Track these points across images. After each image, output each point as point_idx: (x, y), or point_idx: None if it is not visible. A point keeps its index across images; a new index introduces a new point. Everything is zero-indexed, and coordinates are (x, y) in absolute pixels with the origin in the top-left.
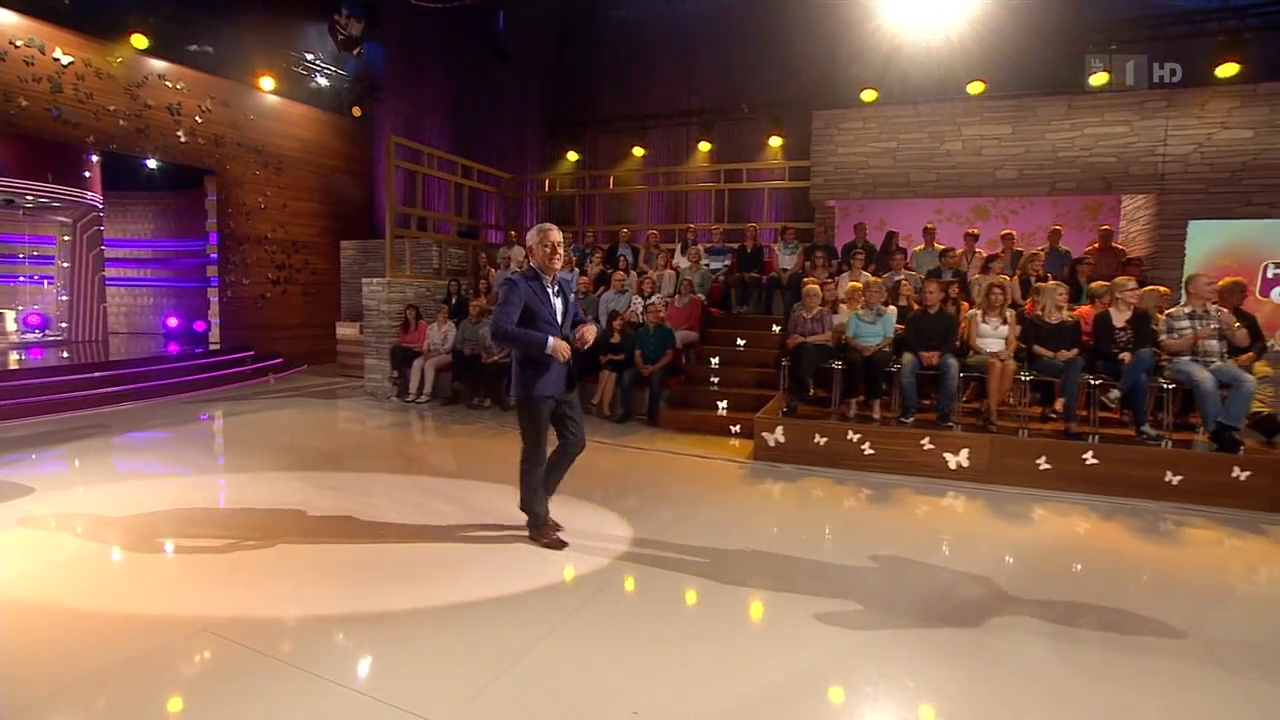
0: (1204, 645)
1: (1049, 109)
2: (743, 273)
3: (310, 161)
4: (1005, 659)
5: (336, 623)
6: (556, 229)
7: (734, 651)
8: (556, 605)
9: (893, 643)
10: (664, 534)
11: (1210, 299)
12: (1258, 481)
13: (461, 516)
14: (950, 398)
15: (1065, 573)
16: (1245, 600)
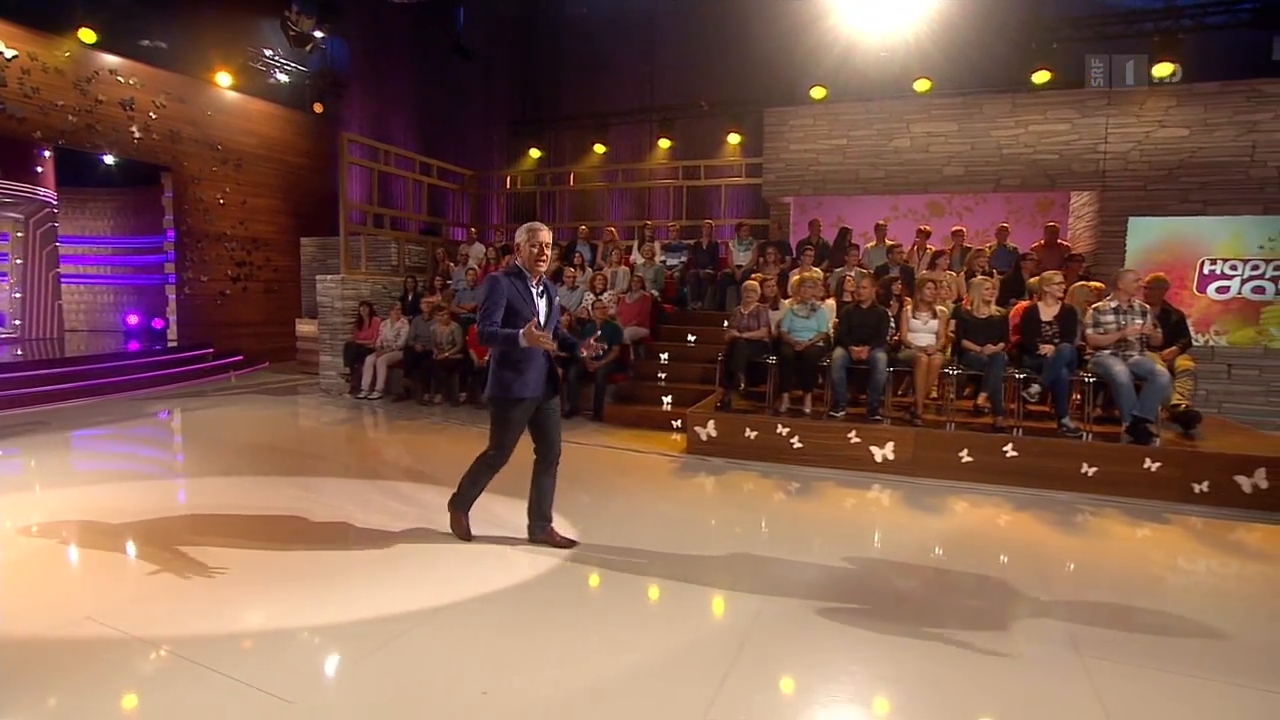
0: (1066, 633)
1: (994, 107)
2: (698, 269)
3: (271, 158)
4: (874, 641)
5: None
6: (546, 229)
7: (608, 636)
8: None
9: (781, 623)
10: (579, 524)
11: (1136, 294)
12: (1168, 472)
13: (392, 517)
14: (879, 392)
15: (959, 559)
16: (1116, 587)
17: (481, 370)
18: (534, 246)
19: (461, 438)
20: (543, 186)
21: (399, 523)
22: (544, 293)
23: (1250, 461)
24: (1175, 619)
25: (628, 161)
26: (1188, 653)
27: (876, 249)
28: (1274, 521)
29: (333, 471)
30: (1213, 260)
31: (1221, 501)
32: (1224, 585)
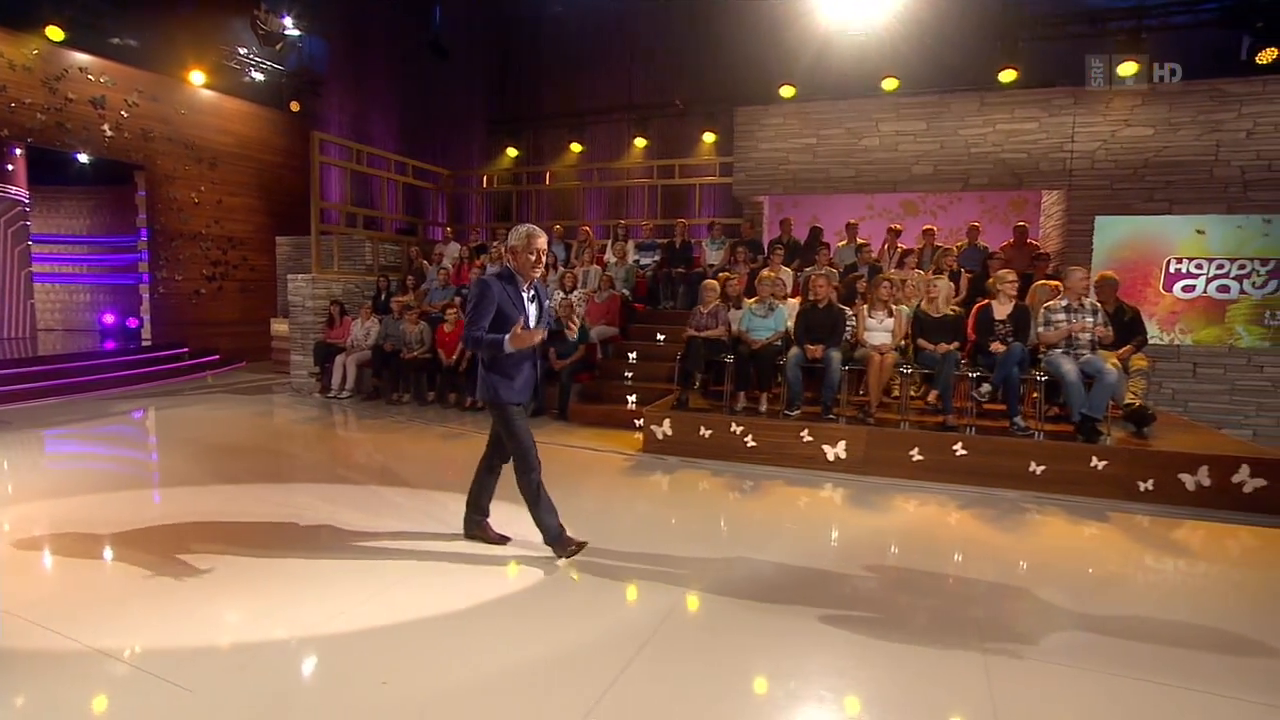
0: (976, 626)
1: (962, 105)
2: (671, 268)
3: (248, 157)
4: (783, 633)
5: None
6: (543, 235)
7: (517, 629)
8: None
9: (692, 619)
10: (520, 520)
11: (1085, 293)
12: (1114, 470)
13: (340, 519)
14: (832, 390)
15: (889, 556)
16: (1033, 583)
17: (449, 369)
18: (531, 254)
19: (423, 436)
20: (519, 186)
21: (341, 524)
22: (535, 297)
23: (1193, 460)
24: (1082, 615)
25: (605, 161)
26: (1098, 649)
27: (847, 248)
28: (1212, 519)
29: (291, 474)
30: (1178, 259)
31: (1166, 499)
32: (1151, 581)
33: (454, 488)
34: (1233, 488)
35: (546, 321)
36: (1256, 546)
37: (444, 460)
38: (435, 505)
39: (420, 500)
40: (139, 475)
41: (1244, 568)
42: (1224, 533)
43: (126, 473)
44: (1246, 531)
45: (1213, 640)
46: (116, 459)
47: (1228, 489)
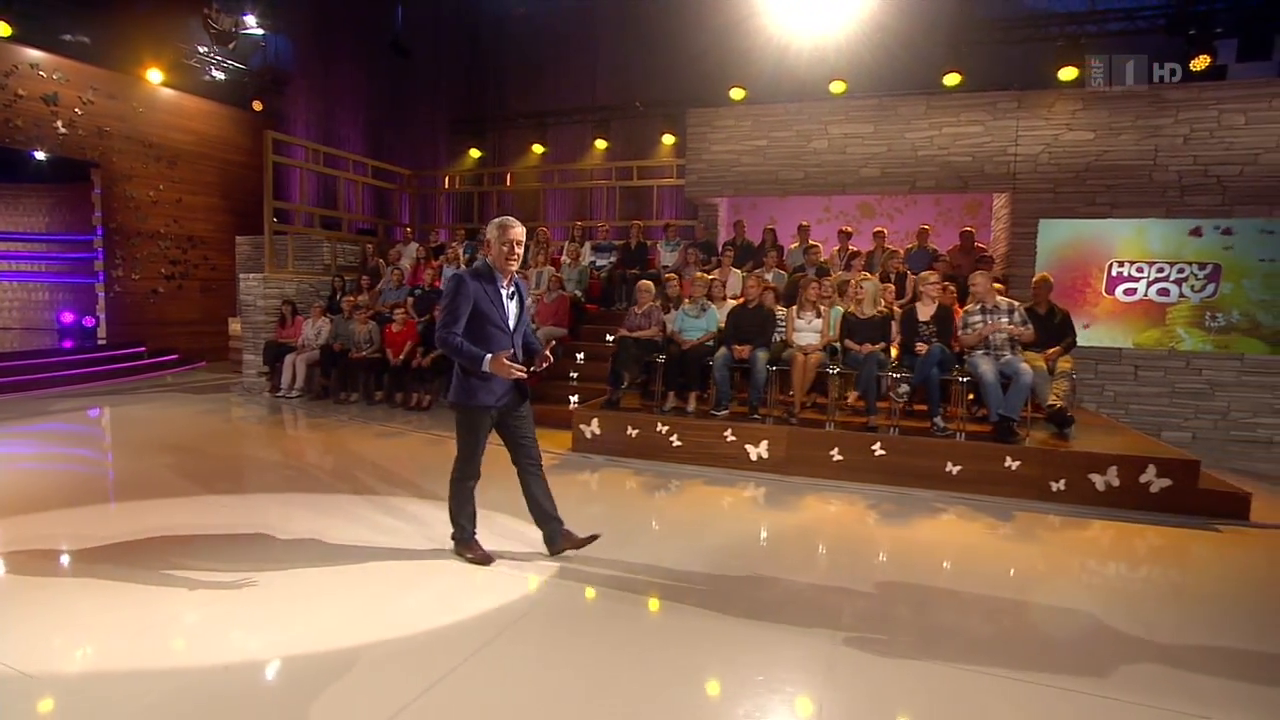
0: (832, 614)
1: (909, 108)
2: (625, 269)
3: (209, 156)
4: (649, 631)
5: None
6: (519, 225)
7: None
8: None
9: (547, 614)
10: (425, 516)
11: (989, 296)
12: (1027, 471)
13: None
14: (759, 390)
15: (778, 553)
16: (910, 578)
17: (397, 369)
18: (504, 244)
19: (362, 434)
20: (480, 187)
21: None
22: (514, 294)
23: (1103, 460)
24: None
25: (568, 162)
26: (963, 645)
27: (798, 250)
28: (1116, 518)
29: (209, 477)
30: (1120, 262)
31: (1076, 499)
32: (1024, 577)
33: (348, 479)
34: (1140, 488)
35: (526, 321)
36: (1160, 545)
37: (387, 460)
38: (377, 508)
39: (361, 504)
40: (60, 482)
41: (1124, 563)
42: (1117, 531)
43: (69, 472)
44: (1151, 530)
45: (1078, 636)
46: (41, 457)
47: (1135, 489)
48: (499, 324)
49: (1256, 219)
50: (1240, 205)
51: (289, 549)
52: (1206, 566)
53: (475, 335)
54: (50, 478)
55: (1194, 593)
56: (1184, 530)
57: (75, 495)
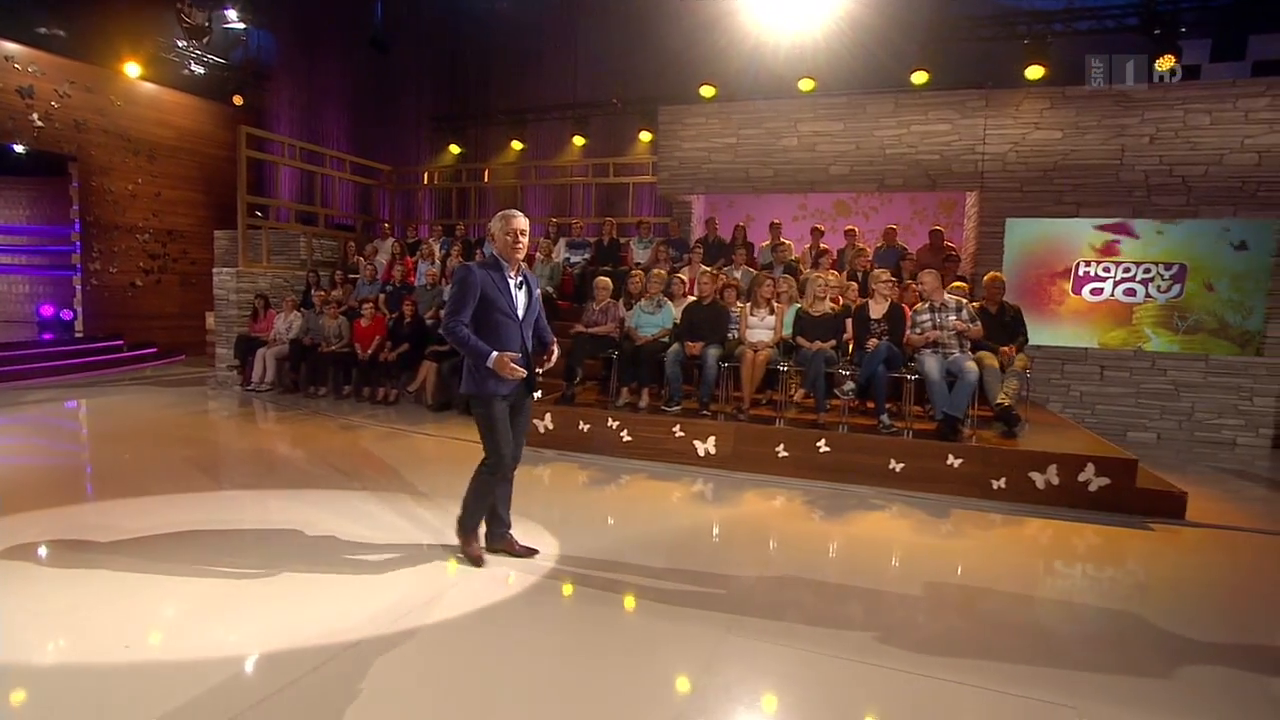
0: (727, 603)
1: (877, 106)
2: (599, 265)
3: (190, 150)
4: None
5: None
6: (521, 216)
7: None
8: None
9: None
10: (363, 509)
11: (937, 295)
12: (969, 469)
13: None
14: (709, 387)
15: (698, 548)
16: (822, 572)
17: (365, 363)
18: (508, 234)
19: (322, 428)
20: (459, 183)
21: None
22: (523, 284)
23: (1044, 458)
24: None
25: (547, 158)
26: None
27: (769, 247)
28: (1053, 516)
29: (151, 470)
30: (1087, 262)
31: (1016, 497)
32: (938, 573)
33: (309, 471)
34: (1079, 486)
35: (536, 310)
36: (1086, 543)
37: (337, 455)
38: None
39: (307, 499)
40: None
41: (1045, 560)
42: (1044, 528)
43: (28, 465)
44: (1083, 529)
45: (973, 630)
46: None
47: (1074, 487)
48: (507, 312)
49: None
50: (1205, 205)
51: (228, 545)
52: (1124, 565)
53: (483, 324)
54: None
55: (1102, 591)
56: (1116, 529)
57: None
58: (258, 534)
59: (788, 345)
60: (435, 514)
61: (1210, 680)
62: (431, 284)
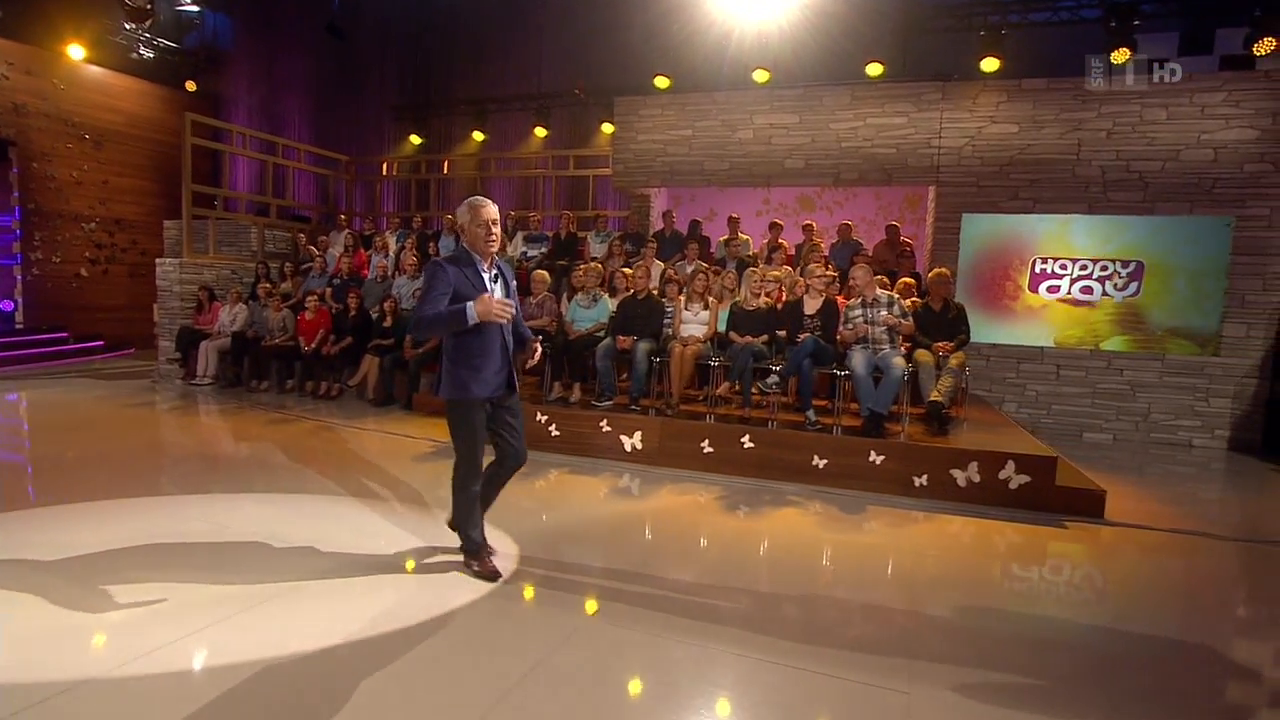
0: (605, 593)
1: (833, 98)
2: (556, 260)
3: (140, 137)
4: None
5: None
6: (491, 205)
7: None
8: None
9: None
10: (270, 504)
11: (871, 289)
12: (891, 465)
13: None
14: (640, 381)
15: (601, 539)
16: (701, 567)
17: (309, 357)
18: (479, 226)
19: (260, 423)
20: (419, 174)
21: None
22: (498, 277)
23: (965, 456)
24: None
25: (508, 150)
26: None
27: (724, 242)
28: (971, 514)
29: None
30: (1044, 259)
31: (938, 494)
32: (835, 570)
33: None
34: (999, 484)
35: (514, 308)
36: (1002, 540)
37: (265, 451)
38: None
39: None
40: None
41: (938, 557)
42: (944, 525)
43: None
44: (995, 526)
45: (832, 618)
46: None
47: (995, 485)
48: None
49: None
50: (1162, 202)
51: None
52: (1020, 562)
53: (449, 309)
54: None
55: (985, 587)
56: (1029, 527)
57: None
58: (210, 548)
59: (724, 341)
60: (386, 516)
61: (1055, 672)
62: (382, 277)
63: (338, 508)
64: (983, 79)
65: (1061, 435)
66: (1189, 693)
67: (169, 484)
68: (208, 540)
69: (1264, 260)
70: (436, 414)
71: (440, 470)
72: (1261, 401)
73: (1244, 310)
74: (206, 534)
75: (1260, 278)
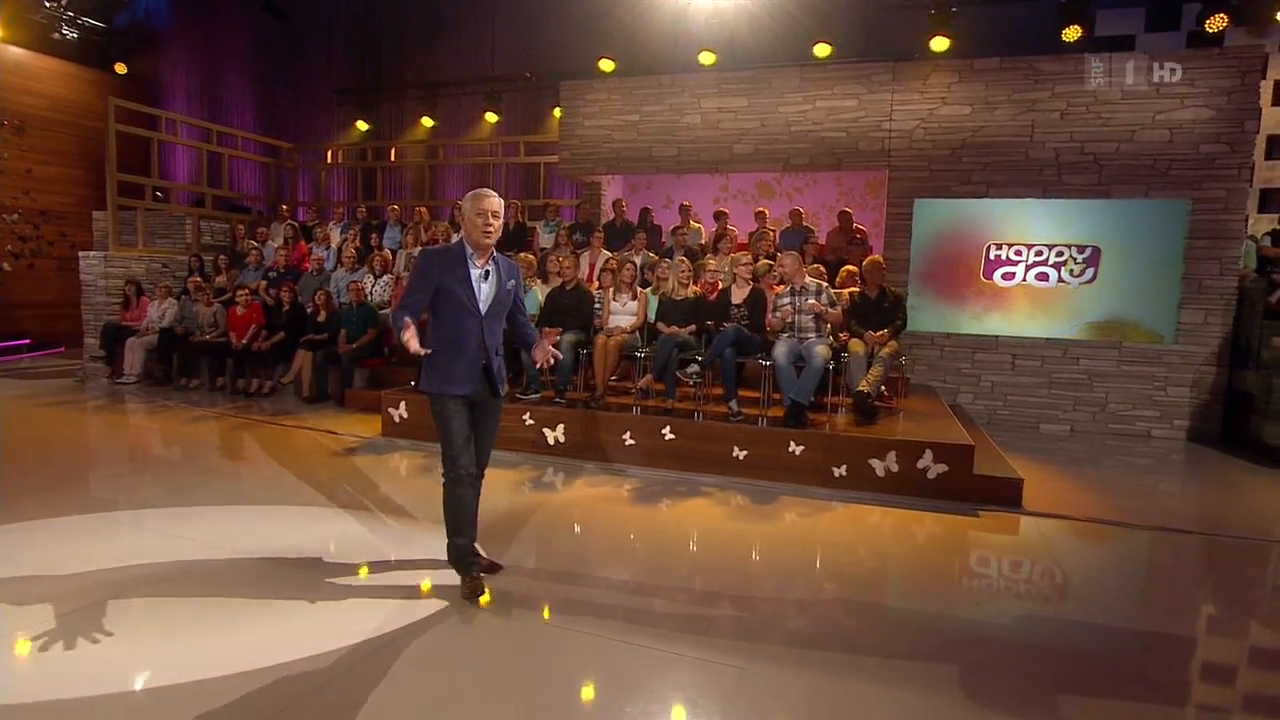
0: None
1: (782, 80)
2: (503, 251)
3: (66, 123)
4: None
5: None
6: (495, 197)
7: None
8: None
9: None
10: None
11: (800, 277)
12: (810, 456)
13: None
14: (564, 373)
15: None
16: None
17: (240, 353)
18: (478, 215)
19: (184, 423)
20: (364, 162)
21: None
22: (491, 273)
23: (883, 445)
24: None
25: (459, 136)
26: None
27: (681, 231)
28: (887, 504)
29: None
30: (998, 245)
31: (857, 485)
32: (725, 557)
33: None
34: (918, 473)
35: (508, 304)
36: (907, 529)
37: (182, 454)
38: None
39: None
40: None
41: (838, 544)
42: (858, 514)
43: None
44: (911, 516)
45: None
46: None
47: (913, 475)
48: (467, 306)
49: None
50: (1117, 185)
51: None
52: (914, 549)
53: (440, 318)
54: None
55: (874, 575)
56: (941, 516)
57: None
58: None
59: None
60: (319, 521)
61: (899, 649)
62: (319, 270)
63: (253, 515)
64: (934, 59)
65: (1019, 427)
66: (1042, 673)
67: (63, 501)
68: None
69: (1221, 244)
70: (369, 409)
71: (371, 467)
72: (1220, 391)
73: (1200, 296)
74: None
75: (1218, 262)
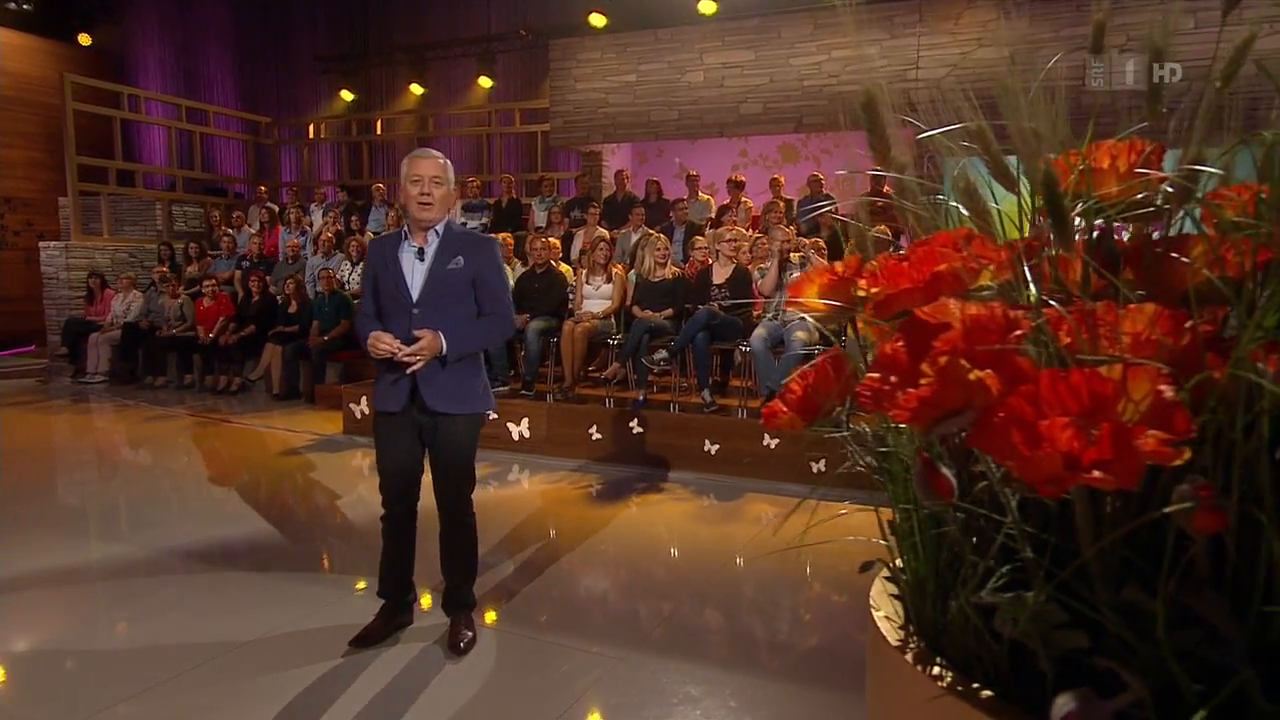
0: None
1: (793, 29)
2: (498, 230)
3: (28, 101)
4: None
5: None
6: (431, 157)
7: None
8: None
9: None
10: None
11: (787, 251)
12: (786, 450)
13: None
14: (532, 363)
15: None
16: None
17: (207, 348)
18: (410, 182)
19: (124, 420)
20: (348, 137)
21: None
22: (429, 252)
23: None
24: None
25: (454, 103)
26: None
27: (691, 203)
28: (872, 501)
29: None
30: None
31: (837, 480)
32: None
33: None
34: None
35: (453, 295)
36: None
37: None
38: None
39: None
40: None
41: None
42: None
43: None
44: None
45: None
46: None
47: None
48: (396, 294)
49: None
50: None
51: None
52: None
53: (381, 313)
54: None
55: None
56: None
57: None
58: None
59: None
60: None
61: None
62: (293, 257)
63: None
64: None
65: None
66: None
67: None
68: None
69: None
70: (337, 406)
71: (318, 467)
72: None
73: None
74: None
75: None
